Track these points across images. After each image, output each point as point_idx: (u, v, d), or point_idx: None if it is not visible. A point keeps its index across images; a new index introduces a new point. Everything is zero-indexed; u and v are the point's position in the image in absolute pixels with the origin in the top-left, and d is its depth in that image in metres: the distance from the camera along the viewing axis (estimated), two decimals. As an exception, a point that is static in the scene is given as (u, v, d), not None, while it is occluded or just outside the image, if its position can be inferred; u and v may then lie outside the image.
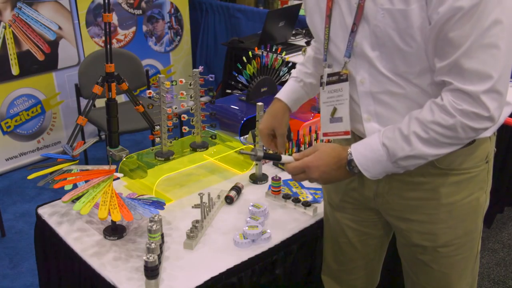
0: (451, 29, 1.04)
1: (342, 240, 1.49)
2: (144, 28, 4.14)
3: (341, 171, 1.20)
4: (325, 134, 1.32)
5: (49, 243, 1.64)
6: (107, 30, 2.18)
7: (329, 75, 1.29)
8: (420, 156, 1.12)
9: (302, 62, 1.54)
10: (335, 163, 1.20)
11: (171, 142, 1.86)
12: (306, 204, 1.69)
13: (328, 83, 1.30)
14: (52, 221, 1.63)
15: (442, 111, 1.09)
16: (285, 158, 1.29)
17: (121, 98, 3.73)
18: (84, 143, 1.72)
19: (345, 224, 1.47)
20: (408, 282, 1.44)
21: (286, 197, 1.74)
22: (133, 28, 4.07)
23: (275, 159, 1.30)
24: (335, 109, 1.29)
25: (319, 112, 2.40)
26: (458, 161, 1.23)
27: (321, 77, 1.32)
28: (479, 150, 1.24)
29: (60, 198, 1.58)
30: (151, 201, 1.55)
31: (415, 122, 1.12)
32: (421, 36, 1.08)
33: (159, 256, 1.40)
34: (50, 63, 3.59)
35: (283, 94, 1.51)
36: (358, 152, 1.18)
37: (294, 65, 2.36)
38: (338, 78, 1.26)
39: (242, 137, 2.11)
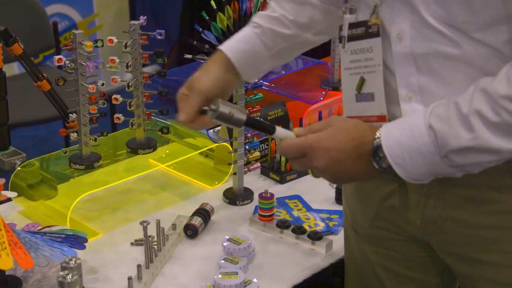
0: None
1: (374, 289, 1.51)
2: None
3: (362, 164, 1.21)
4: (349, 118, 1.34)
5: None
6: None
7: (352, 25, 1.30)
8: (486, 149, 1.13)
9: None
10: (354, 148, 1.21)
11: (95, 140, 1.85)
12: (316, 237, 1.70)
13: (351, 38, 1.31)
14: None
15: None
16: (281, 131, 1.28)
17: (13, 69, 3.71)
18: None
19: (379, 264, 1.48)
20: None
21: (282, 225, 1.74)
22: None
23: (265, 131, 1.30)
24: (362, 80, 1.30)
25: (334, 89, 2.41)
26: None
27: (340, 28, 1.33)
28: None
29: None
30: (64, 235, 1.54)
31: (480, 96, 1.13)
32: None
33: (78, 326, 1.39)
34: None
35: (227, 42, 1.50)
36: (391, 136, 1.19)
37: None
38: (365, 31, 1.27)
39: (211, 130, 2.11)
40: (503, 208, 1.27)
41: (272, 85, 2.36)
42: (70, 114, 1.83)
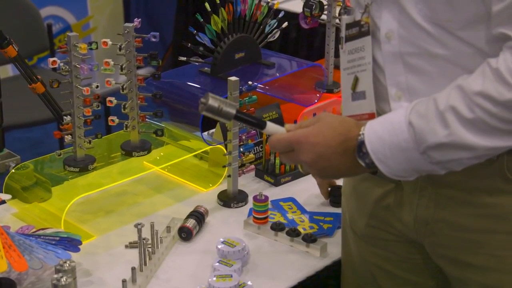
0: None
1: (370, 289, 1.52)
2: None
3: (348, 159, 1.23)
4: (338, 115, 1.37)
5: None
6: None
7: (348, 26, 1.32)
8: (461, 146, 1.14)
9: None
10: (339, 144, 1.22)
11: (90, 142, 1.85)
12: (310, 239, 1.70)
13: (348, 39, 1.33)
14: None
15: (497, 79, 1.10)
16: (272, 126, 1.30)
17: (7, 71, 3.71)
18: None
19: (375, 265, 1.48)
20: None
21: (277, 227, 1.75)
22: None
23: (256, 126, 1.31)
24: (356, 79, 1.32)
25: (328, 92, 2.42)
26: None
27: (339, 29, 1.36)
28: None
29: None
30: (58, 238, 1.54)
31: (456, 92, 1.14)
32: None
33: (72, 328, 1.39)
34: None
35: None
36: (374, 132, 1.20)
37: (287, 16, 2.37)
38: (358, 30, 1.29)
39: (205, 133, 2.11)
40: (493, 212, 1.28)
41: (267, 87, 2.36)
42: (65, 117, 1.82)
